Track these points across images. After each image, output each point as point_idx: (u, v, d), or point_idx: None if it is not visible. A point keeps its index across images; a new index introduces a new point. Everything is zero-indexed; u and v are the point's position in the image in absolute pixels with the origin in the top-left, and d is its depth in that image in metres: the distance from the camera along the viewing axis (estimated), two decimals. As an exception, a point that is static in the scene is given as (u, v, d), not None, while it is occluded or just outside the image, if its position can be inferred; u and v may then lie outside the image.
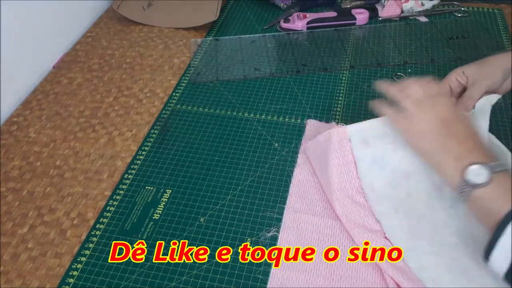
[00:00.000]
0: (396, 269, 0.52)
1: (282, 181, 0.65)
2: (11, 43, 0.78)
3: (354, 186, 0.59)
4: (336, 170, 0.59)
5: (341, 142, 0.60)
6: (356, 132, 0.60)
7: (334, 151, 0.59)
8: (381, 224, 0.57)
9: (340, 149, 0.59)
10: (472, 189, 0.48)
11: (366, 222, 0.57)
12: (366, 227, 0.56)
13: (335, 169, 0.59)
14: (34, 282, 0.55)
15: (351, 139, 0.60)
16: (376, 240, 0.55)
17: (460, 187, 0.49)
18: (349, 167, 0.60)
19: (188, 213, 0.61)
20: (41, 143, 0.73)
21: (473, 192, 0.48)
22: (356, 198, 0.59)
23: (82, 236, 0.60)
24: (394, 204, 0.59)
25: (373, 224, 0.57)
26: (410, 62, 0.83)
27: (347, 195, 0.59)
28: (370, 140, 0.60)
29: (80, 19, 0.98)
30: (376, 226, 0.57)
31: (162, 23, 0.97)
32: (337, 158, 0.59)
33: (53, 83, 0.84)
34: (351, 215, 0.57)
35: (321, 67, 0.84)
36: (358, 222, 0.57)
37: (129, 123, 0.75)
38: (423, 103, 0.54)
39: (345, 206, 0.58)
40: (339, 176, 0.59)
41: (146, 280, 0.55)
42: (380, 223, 0.57)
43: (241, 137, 0.72)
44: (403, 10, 0.94)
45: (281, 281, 0.53)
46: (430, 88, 0.56)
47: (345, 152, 0.59)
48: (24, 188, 0.66)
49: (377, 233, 0.56)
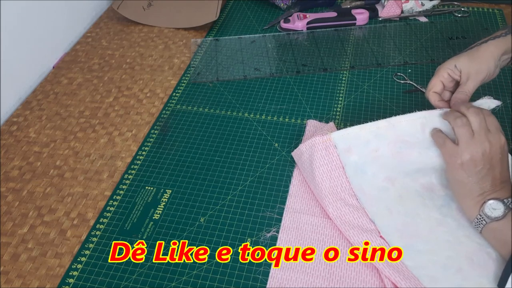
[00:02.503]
0: (393, 269, 0.52)
1: (282, 181, 0.65)
2: (11, 43, 0.78)
3: (346, 189, 0.60)
4: (326, 176, 0.60)
5: (327, 149, 0.60)
6: (341, 138, 0.61)
7: (321, 158, 0.60)
8: (375, 224, 0.57)
9: (327, 155, 0.60)
10: (488, 221, 0.52)
11: (361, 222, 0.57)
12: (362, 227, 0.57)
13: (325, 175, 0.60)
14: (34, 282, 0.55)
15: (337, 146, 0.60)
16: (372, 239, 0.55)
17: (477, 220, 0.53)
18: (339, 171, 0.60)
19: (188, 213, 0.61)
20: (41, 143, 0.73)
21: (489, 224, 0.52)
22: (348, 200, 0.59)
23: (82, 236, 0.60)
24: (387, 204, 0.60)
25: (368, 223, 0.57)
26: (410, 62, 0.83)
27: (339, 198, 0.59)
28: (352, 147, 0.61)
29: (80, 19, 0.98)
30: (371, 226, 0.57)
31: (162, 23, 0.97)
32: (325, 164, 0.60)
33: (53, 83, 0.84)
34: (345, 216, 0.58)
35: (321, 67, 0.84)
36: (352, 223, 0.57)
37: (129, 123, 0.76)
38: (477, 136, 0.54)
39: (338, 209, 0.58)
40: (329, 180, 0.60)
41: (146, 280, 0.55)
42: (375, 223, 0.57)
43: (241, 137, 0.72)
44: (403, 10, 0.94)
45: (281, 281, 0.53)
46: (490, 123, 0.55)
47: (332, 158, 0.60)
48: (24, 188, 0.66)
49: (372, 232, 0.56)
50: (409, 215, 0.59)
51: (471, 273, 0.52)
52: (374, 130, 0.60)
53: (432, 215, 0.58)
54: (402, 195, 0.61)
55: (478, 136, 0.54)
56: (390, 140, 0.60)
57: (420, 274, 0.52)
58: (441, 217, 0.58)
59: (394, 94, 0.77)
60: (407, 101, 0.76)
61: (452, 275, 0.52)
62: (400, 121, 0.60)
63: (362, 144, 0.61)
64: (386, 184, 0.61)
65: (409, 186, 0.61)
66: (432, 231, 0.57)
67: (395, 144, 0.60)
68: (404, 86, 0.79)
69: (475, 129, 0.54)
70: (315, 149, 0.60)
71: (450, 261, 0.54)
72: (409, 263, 0.54)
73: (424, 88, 0.77)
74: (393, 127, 0.60)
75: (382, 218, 0.58)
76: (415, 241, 0.56)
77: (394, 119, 0.60)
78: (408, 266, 0.53)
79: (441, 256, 0.54)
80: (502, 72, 0.80)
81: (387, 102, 0.76)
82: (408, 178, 0.61)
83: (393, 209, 0.59)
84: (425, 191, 0.61)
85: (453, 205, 0.59)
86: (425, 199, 0.60)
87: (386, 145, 0.60)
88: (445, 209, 0.59)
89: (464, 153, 0.54)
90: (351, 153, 0.61)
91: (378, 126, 0.60)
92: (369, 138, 0.60)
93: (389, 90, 0.78)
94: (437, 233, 0.57)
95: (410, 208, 0.59)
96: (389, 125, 0.60)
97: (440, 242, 0.56)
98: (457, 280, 0.52)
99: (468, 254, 0.54)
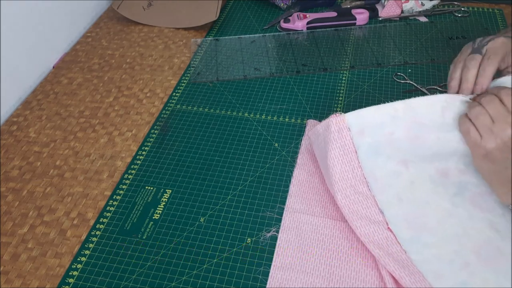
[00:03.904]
0: (397, 264, 0.52)
1: (282, 181, 0.65)
2: (11, 43, 0.78)
3: (357, 175, 0.58)
4: (337, 161, 0.58)
5: (340, 131, 0.58)
6: (355, 119, 0.59)
7: (333, 141, 0.58)
8: (384, 214, 0.57)
9: (340, 138, 0.58)
10: None
11: (369, 212, 0.57)
12: (369, 218, 0.56)
13: (336, 159, 0.58)
14: (34, 282, 0.55)
15: (350, 128, 0.58)
16: (379, 231, 0.55)
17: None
18: (351, 156, 0.58)
19: (188, 213, 0.61)
20: (41, 143, 0.73)
21: None
22: (358, 187, 0.58)
23: (82, 236, 0.60)
24: (398, 192, 0.59)
25: (376, 214, 0.57)
26: (410, 62, 0.83)
27: (350, 185, 0.58)
28: (365, 129, 0.59)
29: (80, 19, 0.98)
30: (379, 217, 0.57)
31: (162, 23, 0.97)
32: (337, 148, 0.58)
33: (53, 83, 0.84)
34: (353, 205, 0.57)
35: (321, 67, 0.84)
36: (360, 213, 0.56)
37: (129, 123, 0.76)
38: (497, 124, 0.52)
39: (347, 197, 0.57)
40: (340, 166, 0.58)
41: (146, 280, 0.55)
42: (383, 214, 0.57)
43: (241, 137, 0.72)
44: (403, 10, 0.94)
45: (281, 281, 0.53)
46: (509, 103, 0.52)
47: (345, 142, 0.58)
48: (24, 188, 0.66)
49: (379, 224, 0.56)
50: (418, 204, 0.58)
51: (478, 269, 0.52)
52: (391, 112, 0.58)
53: (443, 205, 0.57)
54: (414, 181, 0.59)
55: (498, 123, 0.51)
56: (407, 123, 0.58)
57: (425, 269, 0.52)
58: (452, 207, 0.57)
59: (394, 94, 0.77)
60: (407, 101, 0.76)
61: (458, 271, 0.52)
62: (419, 103, 0.58)
63: (376, 126, 0.59)
64: (400, 168, 0.60)
65: (423, 171, 0.60)
66: (441, 223, 0.56)
67: (412, 127, 0.58)
68: (404, 86, 0.79)
69: (493, 117, 0.52)
70: (329, 130, 0.58)
71: (456, 256, 0.53)
72: (415, 256, 0.53)
73: (424, 88, 0.77)
74: (411, 109, 0.58)
75: (391, 207, 0.58)
76: (423, 233, 0.55)
77: (413, 101, 0.58)
78: (413, 260, 0.53)
79: (448, 251, 0.54)
80: (502, 72, 0.80)
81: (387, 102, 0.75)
82: (424, 162, 0.60)
83: (403, 196, 0.58)
84: (439, 177, 0.59)
85: (467, 194, 0.57)
86: (437, 186, 0.59)
87: (402, 128, 0.58)
88: (457, 199, 0.58)
89: (487, 143, 0.52)
90: (364, 135, 0.59)
91: (396, 108, 0.58)
92: (385, 120, 0.58)
93: (389, 90, 0.78)
94: (445, 225, 0.56)
95: (420, 196, 0.58)
96: (406, 107, 0.58)
97: (447, 235, 0.55)
98: (463, 276, 0.51)
99: (476, 248, 0.53)
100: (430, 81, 0.79)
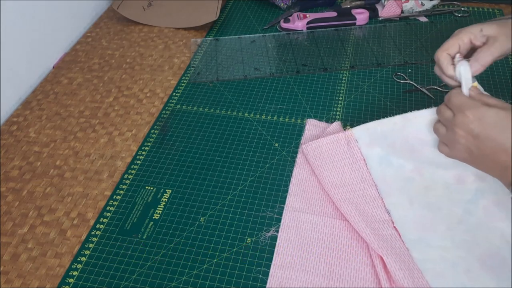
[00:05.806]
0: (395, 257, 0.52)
1: (282, 181, 0.65)
2: (11, 43, 0.78)
3: (366, 179, 0.61)
4: (347, 168, 0.62)
5: (349, 144, 0.63)
6: (362, 133, 0.63)
7: (343, 153, 0.63)
8: (390, 214, 0.57)
9: (349, 150, 0.63)
10: None
11: (375, 212, 0.58)
12: (374, 217, 0.57)
13: (346, 167, 0.62)
14: (34, 282, 0.55)
15: (358, 140, 0.63)
16: (383, 229, 0.55)
17: None
18: (360, 163, 0.62)
19: (188, 213, 0.61)
20: (41, 143, 0.73)
21: None
22: (367, 190, 0.60)
23: (82, 236, 0.60)
24: (410, 196, 0.59)
25: (382, 214, 0.58)
26: (410, 62, 0.83)
27: (359, 188, 0.60)
28: (373, 141, 0.62)
29: (80, 19, 0.98)
30: (385, 216, 0.57)
31: (162, 23, 0.97)
32: (347, 158, 0.62)
33: (53, 83, 0.84)
34: (360, 205, 0.58)
35: (321, 67, 0.84)
36: (366, 212, 0.57)
37: (129, 123, 0.76)
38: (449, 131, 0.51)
39: (354, 198, 0.59)
40: (350, 172, 0.61)
41: (146, 280, 0.55)
42: (390, 214, 0.58)
43: (241, 137, 0.72)
44: (403, 10, 0.94)
45: (281, 280, 0.53)
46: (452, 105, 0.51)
47: (353, 152, 0.62)
48: (24, 188, 0.66)
49: (384, 222, 0.56)
50: (430, 208, 0.58)
51: (480, 276, 0.52)
52: (390, 126, 0.61)
53: (455, 211, 0.57)
54: (428, 186, 0.60)
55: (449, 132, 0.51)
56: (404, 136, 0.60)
57: (426, 267, 0.52)
58: (464, 214, 0.57)
59: (394, 94, 0.77)
60: (407, 101, 0.76)
61: (458, 274, 0.52)
62: (415, 117, 0.59)
63: (381, 138, 0.62)
64: (413, 175, 0.61)
65: (438, 177, 0.60)
66: (450, 228, 0.56)
67: (408, 141, 0.60)
68: (404, 86, 0.79)
69: (445, 125, 0.52)
70: (337, 144, 0.63)
71: (460, 261, 0.53)
72: (417, 255, 0.53)
73: (424, 88, 0.77)
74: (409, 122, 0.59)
75: (400, 209, 0.58)
76: (430, 235, 0.55)
77: (410, 115, 0.59)
78: (415, 258, 0.53)
79: (453, 255, 0.54)
80: (502, 72, 0.80)
81: (387, 102, 0.76)
82: (439, 168, 0.60)
83: (415, 200, 0.59)
84: (455, 183, 0.59)
85: (481, 203, 0.57)
86: (451, 192, 0.59)
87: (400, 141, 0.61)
88: (471, 206, 0.57)
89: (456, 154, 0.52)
90: (373, 146, 0.62)
91: (395, 122, 0.61)
92: (384, 133, 0.61)
93: (389, 90, 0.78)
94: (454, 232, 0.56)
95: (433, 201, 0.59)
96: (404, 120, 0.60)
97: (455, 242, 0.55)
98: (463, 279, 0.51)
99: (482, 256, 0.53)
100: (430, 81, 0.79)
